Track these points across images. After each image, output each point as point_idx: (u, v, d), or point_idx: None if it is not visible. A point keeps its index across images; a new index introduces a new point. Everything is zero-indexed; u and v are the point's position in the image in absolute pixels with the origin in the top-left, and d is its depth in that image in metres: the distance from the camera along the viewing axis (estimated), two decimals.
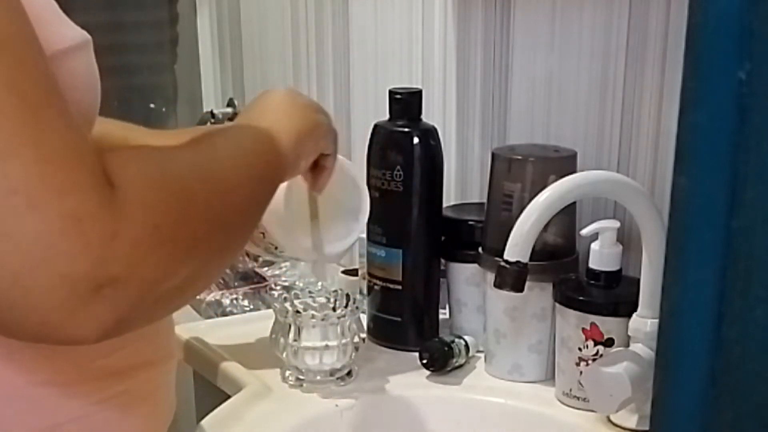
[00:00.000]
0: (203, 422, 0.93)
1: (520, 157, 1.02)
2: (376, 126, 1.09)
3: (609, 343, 0.93)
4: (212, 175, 0.64)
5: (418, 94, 1.08)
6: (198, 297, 1.33)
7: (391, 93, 1.08)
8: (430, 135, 1.07)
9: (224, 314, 1.32)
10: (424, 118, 1.09)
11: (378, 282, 1.11)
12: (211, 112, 1.71)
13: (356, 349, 1.02)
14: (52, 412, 0.64)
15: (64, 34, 0.61)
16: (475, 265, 1.05)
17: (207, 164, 0.65)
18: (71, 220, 0.50)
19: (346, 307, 1.01)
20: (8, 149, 0.49)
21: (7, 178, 0.49)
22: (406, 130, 1.07)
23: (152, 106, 1.93)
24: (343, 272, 1.28)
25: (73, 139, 0.52)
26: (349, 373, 1.02)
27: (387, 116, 1.09)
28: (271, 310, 1.27)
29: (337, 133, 0.88)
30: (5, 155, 0.49)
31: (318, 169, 0.88)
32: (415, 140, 1.06)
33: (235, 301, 1.34)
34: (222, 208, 0.64)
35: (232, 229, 0.66)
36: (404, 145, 1.06)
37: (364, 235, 1.13)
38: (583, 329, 0.94)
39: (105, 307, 0.52)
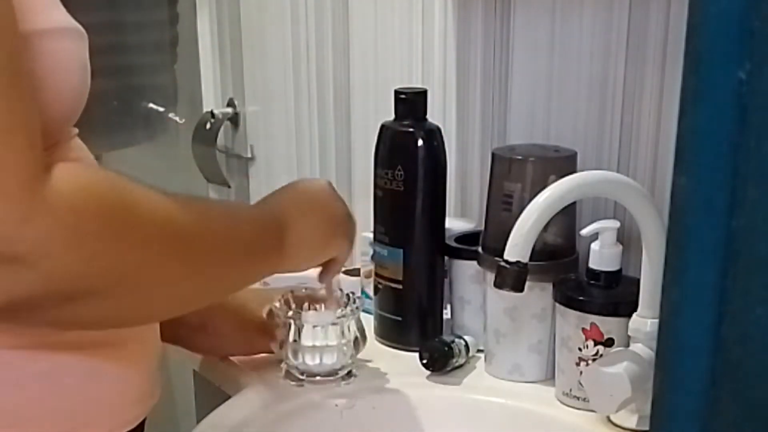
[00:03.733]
0: (203, 422, 0.93)
1: (520, 157, 1.02)
2: (382, 126, 1.09)
3: (609, 343, 0.93)
4: (181, 228, 0.67)
5: (423, 94, 1.08)
6: None
7: (397, 93, 1.08)
8: (433, 135, 1.07)
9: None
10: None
11: (382, 281, 1.11)
12: (211, 112, 1.71)
13: (356, 349, 1.01)
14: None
15: (51, 16, 0.64)
16: None
17: (183, 219, 0.67)
18: None
19: (346, 306, 1.01)
20: None
21: None
22: (410, 130, 1.07)
23: (152, 106, 1.93)
24: (345, 272, 1.28)
25: (13, 121, 0.55)
26: (349, 374, 1.02)
27: (387, 116, 1.09)
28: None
29: (352, 242, 0.91)
30: None
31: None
32: (419, 140, 1.06)
33: None
34: (179, 262, 0.67)
35: (178, 283, 0.69)
36: (408, 145, 1.07)
37: (369, 234, 1.13)
38: (583, 329, 0.94)
39: (15, 283, 0.57)
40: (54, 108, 0.63)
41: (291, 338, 0.99)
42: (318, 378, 1.01)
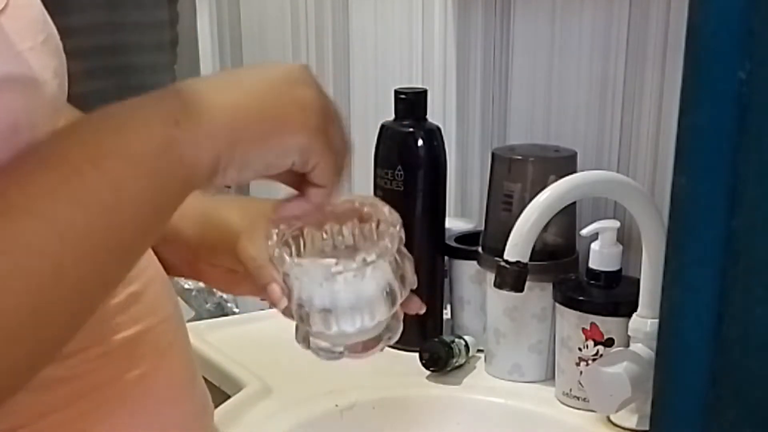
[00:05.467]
0: None
1: (520, 157, 1.02)
2: (382, 126, 1.09)
3: (609, 343, 0.93)
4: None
5: (423, 93, 1.08)
6: (186, 286, 1.32)
7: (397, 93, 1.08)
8: (433, 135, 1.07)
9: (216, 302, 1.31)
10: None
11: None
12: None
13: (392, 303, 0.66)
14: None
15: None
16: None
17: None
18: None
19: (372, 241, 0.65)
20: None
21: None
22: (410, 130, 1.07)
23: None
24: None
25: None
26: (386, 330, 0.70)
27: (387, 116, 1.09)
28: (269, 309, 1.27)
29: (342, 151, 0.58)
30: None
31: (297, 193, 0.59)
32: (419, 140, 1.06)
33: None
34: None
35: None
36: (408, 145, 1.07)
37: None
38: (583, 329, 0.94)
39: None
40: None
41: (294, 295, 0.64)
42: (339, 348, 0.68)
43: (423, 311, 0.70)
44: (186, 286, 1.33)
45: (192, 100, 0.50)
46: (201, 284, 1.31)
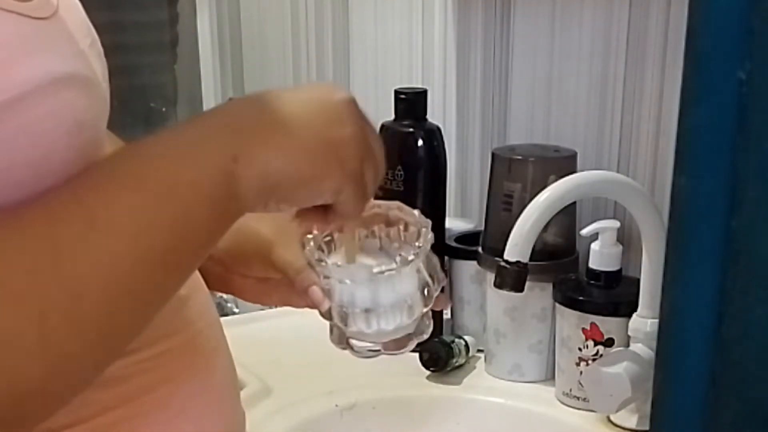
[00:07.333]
0: None
1: (520, 157, 1.02)
2: (382, 126, 1.09)
3: (609, 343, 0.93)
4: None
5: (423, 94, 1.08)
6: None
7: (397, 93, 1.08)
8: (433, 135, 1.07)
9: (216, 302, 1.32)
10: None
11: None
12: None
13: (427, 300, 0.67)
14: None
15: (14, 74, 0.47)
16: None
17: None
18: None
19: (411, 241, 0.66)
20: None
21: None
22: (410, 130, 1.07)
23: (152, 106, 1.93)
24: None
25: None
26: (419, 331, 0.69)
27: (387, 116, 1.09)
28: (269, 310, 1.28)
29: (373, 180, 0.60)
30: None
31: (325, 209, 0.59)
32: (419, 140, 1.06)
33: None
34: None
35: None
36: (408, 145, 1.07)
37: None
38: (583, 329, 0.94)
39: None
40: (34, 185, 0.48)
41: (336, 297, 0.66)
42: (379, 348, 0.69)
43: (449, 307, 0.73)
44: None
45: (248, 138, 0.54)
46: None
